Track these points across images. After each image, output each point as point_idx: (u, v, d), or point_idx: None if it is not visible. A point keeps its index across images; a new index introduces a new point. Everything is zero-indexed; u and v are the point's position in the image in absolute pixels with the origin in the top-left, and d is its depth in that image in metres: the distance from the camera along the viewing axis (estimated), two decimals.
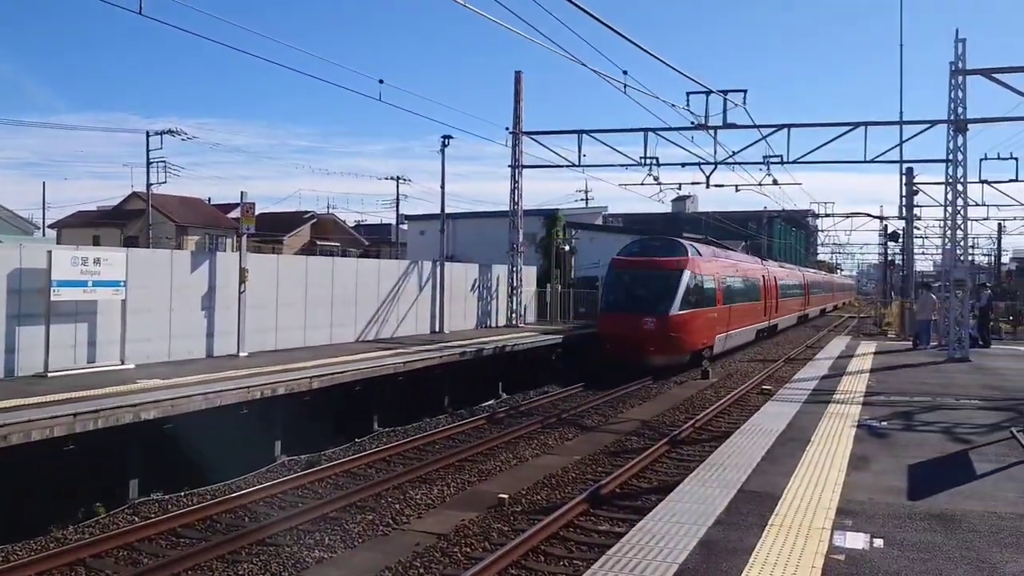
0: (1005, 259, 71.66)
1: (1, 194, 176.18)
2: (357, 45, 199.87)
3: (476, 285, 28.98)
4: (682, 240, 29.10)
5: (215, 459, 12.57)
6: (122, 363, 15.34)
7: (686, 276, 25.72)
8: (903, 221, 38.49)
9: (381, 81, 21.15)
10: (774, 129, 25.95)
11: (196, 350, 17.44)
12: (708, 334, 27.78)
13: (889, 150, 25.73)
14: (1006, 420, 12.34)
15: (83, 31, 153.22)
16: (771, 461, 9.48)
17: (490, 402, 21.09)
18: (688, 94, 24.41)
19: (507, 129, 29.29)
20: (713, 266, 29.38)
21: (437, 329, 26.31)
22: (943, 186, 24.17)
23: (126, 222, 54.25)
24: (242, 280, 18.09)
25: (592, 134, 27.51)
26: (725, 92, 24.49)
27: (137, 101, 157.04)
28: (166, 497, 11.75)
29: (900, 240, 41.95)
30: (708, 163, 27.66)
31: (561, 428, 17.11)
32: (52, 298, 13.91)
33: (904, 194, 35.42)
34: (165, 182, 50.34)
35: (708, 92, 24.21)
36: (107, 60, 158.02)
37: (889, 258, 52.61)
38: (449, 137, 28.10)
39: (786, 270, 50.61)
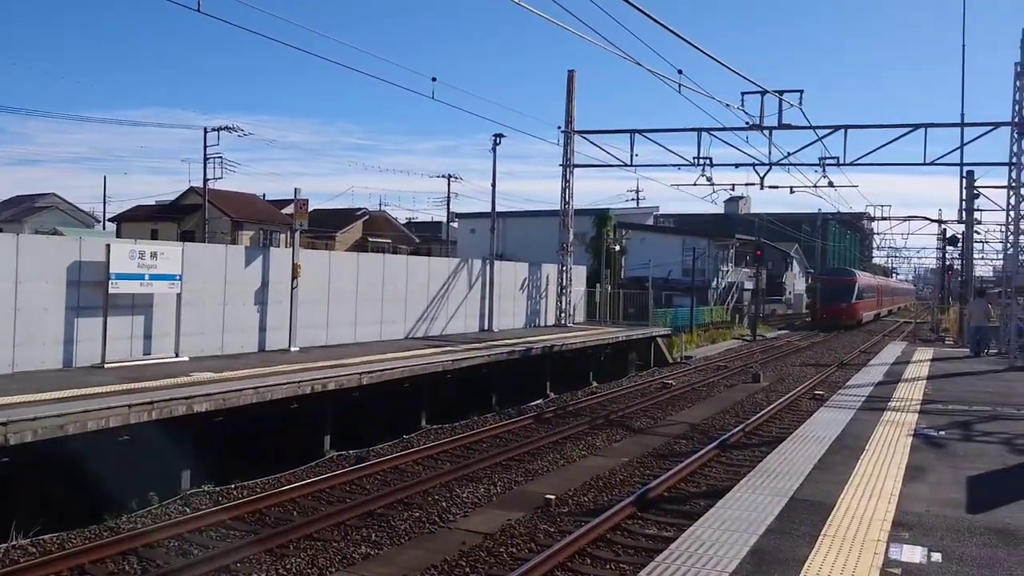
0: None
1: (64, 188, 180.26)
2: (410, 43, 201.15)
3: (525, 284, 28.94)
4: (850, 268, 61.89)
5: (265, 452, 12.70)
6: (176, 356, 15.58)
7: (855, 286, 57.17)
8: (962, 225, 37.59)
9: (434, 79, 21.15)
10: (830, 130, 25.52)
11: (248, 344, 17.65)
12: (862, 313, 59.77)
13: (949, 153, 25.44)
14: None
15: (144, 27, 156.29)
16: (824, 469, 9.29)
17: (538, 401, 21.04)
18: (743, 94, 24.08)
19: (559, 128, 29.24)
20: (862, 280, 60.27)
21: (486, 327, 26.33)
22: (1005, 190, 23.56)
23: (183, 216, 55.11)
24: (294, 275, 18.27)
25: (645, 134, 27.29)
26: (780, 92, 24.13)
27: (195, 97, 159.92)
28: (217, 489, 11.89)
29: (959, 244, 40.98)
30: (762, 164, 27.29)
31: (609, 429, 17.00)
32: (110, 291, 14.18)
33: (964, 198, 34.62)
34: (221, 177, 51.03)
35: (763, 92, 23.88)
36: (167, 57, 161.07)
37: (947, 263, 51.38)
38: (501, 135, 28.10)
39: (882, 280, 79.95)
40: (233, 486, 12.04)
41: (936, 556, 6.42)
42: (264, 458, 12.74)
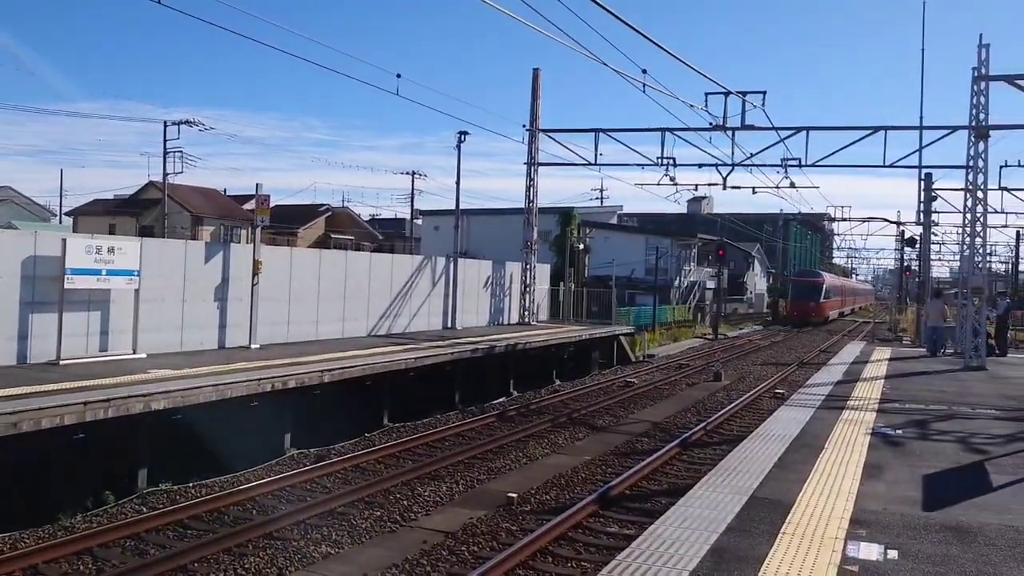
0: (1023, 267, 71.06)
1: (19, 181, 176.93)
2: (374, 38, 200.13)
3: (489, 282, 28.91)
4: (817, 270, 68.53)
5: (224, 451, 12.55)
6: (134, 352, 15.35)
7: (823, 286, 61.41)
8: (920, 227, 38.19)
9: (399, 76, 21.11)
10: (793, 132, 25.78)
11: (208, 341, 17.44)
12: (828, 311, 64.62)
13: (908, 155, 25.72)
14: (1023, 431, 12.17)
15: (100, 18, 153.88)
16: (784, 467, 9.37)
17: (501, 400, 21.02)
18: (707, 95, 24.27)
19: (524, 126, 29.24)
20: (829, 281, 65.35)
21: (449, 325, 26.27)
22: (962, 192, 23.94)
23: (142, 211, 54.42)
24: (255, 272, 18.08)
25: (609, 133, 27.42)
26: (744, 93, 24.35)
27: (153, 90, 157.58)
28: (175, 487, 11.73)
29: (917, 246, 41.63)
30: (725, 164, 27.53)
31: (571, 428, 17.03)
32: (66, 286, 13.93)
33: (922, 200, 35.15)
34: (182, 172, 50.51)
35: (727, 93, 24.07)
36: (124, 48, 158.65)
37: (905, 264, 52.19)
38: (465, 133, 28.07)
39: (845, 281, 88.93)
40: (191, 484, 11.89)
41: (892, 553, 6.50)
42: (223, 457, 12.58)
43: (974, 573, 6.15)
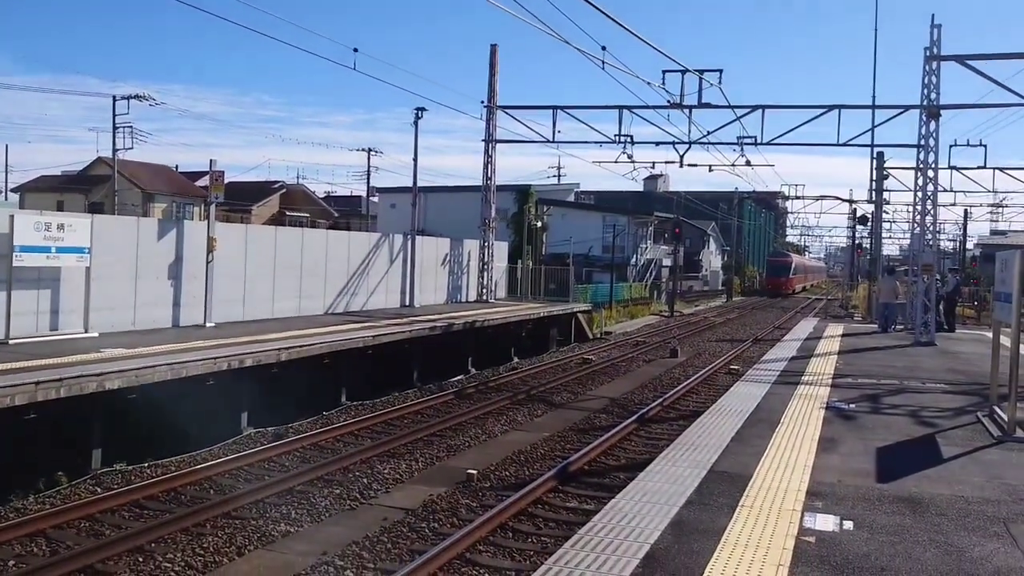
0: (970, 245, 72.64)
1: None
2: (331, 13, 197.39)
3: (447, 260, 28.84)
4: (788, 252, 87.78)
5: (180, 430, 12.41)
6: (85, 331, 15.08)
7: (792, 265, 78.64)
8: (872, 205, 38.78)
9: (355, 50, 20.82)
10: (748, 110, 25.92)
11: (162, 320, 17.19)
12: (796, 285, 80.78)
13: (861, 134, 25.95)
14: (971, 404, 12.46)
15: None
16: (741, 442, 9.49)
17: (459, 377, 21.02)
18: (664, 72, 24.27)
19: (482, 103, 29.11)
20: (796, 261, 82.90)
21: (407, 303, 26.17)
22: (913, 171, 24.35)
23: (91, 188, 53.30)
24: (210, 249, 17.81)
25: (567, 110, 27.36)
26: (701, 71, 24.42)
27: (97, 64, 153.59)
28: (129, 468, 11.57)
29: (868, 224, 42.29)
30: (682, 142, 27.61)
31: (530, 404, 17.10)
32: (14, 263, 13.60)
33: (874, 178, 35.68)
34: (132, 148, 49.47)
35: (684, 71, 24.13)
36: (62, 21, 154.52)
37: (857, 242, 53.04)
38: (423, 109, 27.77)
39: (806, 260, 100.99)
40: (147, 465, 11.74)
41: (848, 524, 6.62)
42: (180, 436, 12.44)
43: (926, 542, 6.29)
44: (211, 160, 18.63)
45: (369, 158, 60.73)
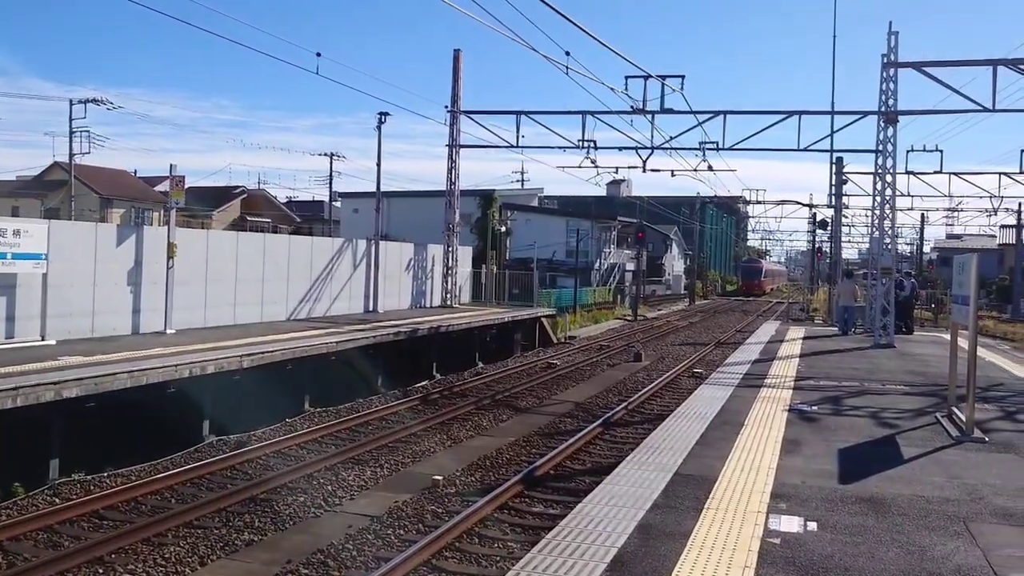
0: (927, 249, 73.83)
1: None
2: (292, 17, 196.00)
3: (411, 265, 28.72)
4: (759, 258, 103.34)
5: (140, 439, 12.22)
6: (43, 339, 14.81)
7: (763, 269, 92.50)
8: (832, 209, 39.27)
9: (319, 55, 20.75)
10: (710, 115, 26.14)
11: (121, 327, 16.92)
12: (767, 287, 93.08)
13: (821, 139, 26.45)
14: (930, 405, 12.64)
15: None
16: (706, 445, 9.55)
17: (424, 383, 20.94)
18: (627, 78, 24.40)
19: (446, 108, 29.05)
20: (766, 266, 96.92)
21: (371, 308, 26.02)
22: (872, 176, 24.68)
23: (47, 193, 52.43)
24: (170, 255, 17.58)
25: (531, 115, 27.39)
26: (663, 77, 24.58)
27: (52, 67, 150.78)
28: (88, 477, 11.38)
29: (828, 228, 42.81)
30: (645, 148, 27.78)
31: (495, 409, 17.07)
32: None
33: (834, 183, 36.12)
34: (89, 152, 48.86)
35: (647, 76, 24.28)
36: (16, 25, 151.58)
37: (817, 245, 53.67)
38: (386, 114, 27.64)
39: (772, 265, 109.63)
40: (106, 474, 11.55)
41: (812, 525, 6.68)
42: (140, 445, 12.25)
43: (889, 542, 6.36)
44: (171, 165, 18.41)
45: (331, 163, 60.45)
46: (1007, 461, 9.21)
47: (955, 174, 37.05)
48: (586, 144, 27.29)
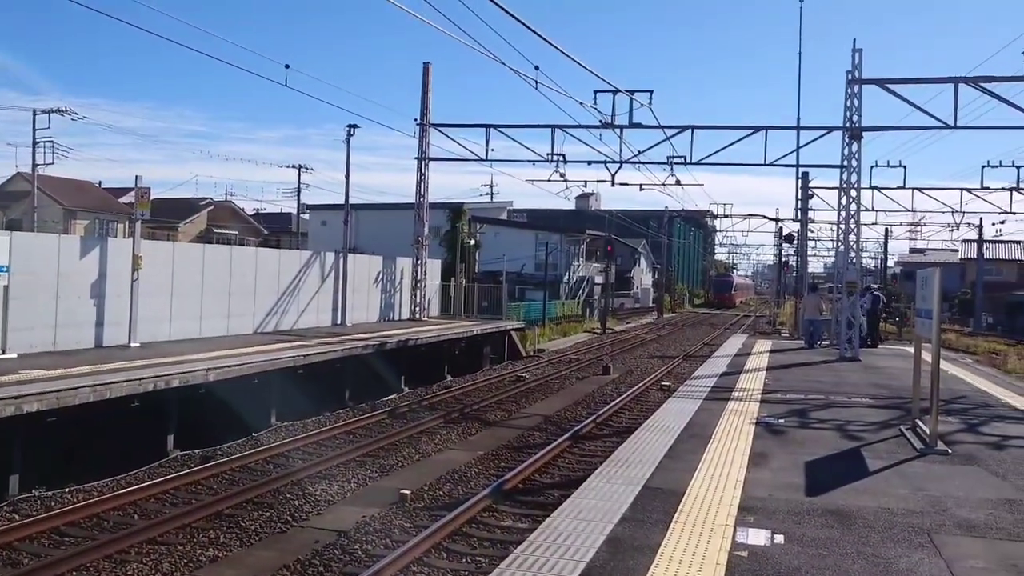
0: (890, 263, 74.81)
1: None
2: (259, 29, 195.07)
3: (379, 278, 28.62)
4: (731, 273, 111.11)
5: (103, 454, 12.04)
6: (3, 353, 14.56)
7: (733, 283, 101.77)
8: (798, 224, 39.68)
9: (287, 66, 20.65)
10: (678, 130, 26.38)
11: (84, 340, 16.69)
12: (737, 300, 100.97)
13: (787, 155, 26.45)
14: (894, 418, 12.78)
15: None
16: (674, 458, 9.58)
17: (392, 396, 20.83)
18: (596, 92, 24.58)
19: (415, 120, 29.07)
20: (736, 279, 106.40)
21: (339, 321, 25.88)
22: (837, 191, 24.98)
23: (9, 204, 51.67)
24: (135, 267, 17.37)
25: (501, 129, 27.51)
26: (632, 92, 24.76)
27: (11, 76, 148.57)
28: (49, 494, 11.17)
29: (795, 242, 43.24)
30: (614, 161, 27.99)
31: (464, 423, 17.02)
32: None
33: (799, 197, 36.53)
34: (52, 163, 48.18)
35: (615, 91, 24.44)
36: None
37: (784, 259, 54.21)
38: (355, 126, 27.59)
39: (741, 279, 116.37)
40: (68, 490, 11.35)
41: (779, 538, 6.72)
42: (103, 460, 12.06)
43: (854, 554, 6.40)
44: (136, 176, 18.35)
45: (299, 175, 59.92)
46: (970, 473, 9.33)
47: (918, 189, 37.72)
48: (555, 158, 27.44)
